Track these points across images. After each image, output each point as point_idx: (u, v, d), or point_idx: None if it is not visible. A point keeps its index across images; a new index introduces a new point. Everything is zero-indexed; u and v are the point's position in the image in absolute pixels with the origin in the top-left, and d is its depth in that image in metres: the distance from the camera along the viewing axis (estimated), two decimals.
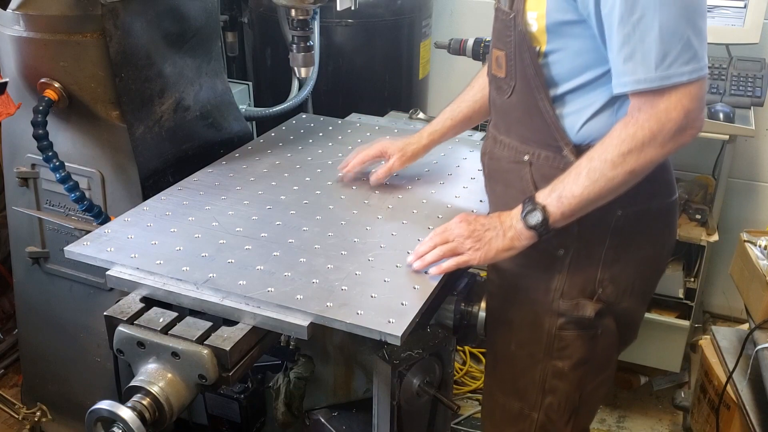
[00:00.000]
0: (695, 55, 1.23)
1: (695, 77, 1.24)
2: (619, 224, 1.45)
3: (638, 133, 1.28)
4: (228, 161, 2.04)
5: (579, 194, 1.34)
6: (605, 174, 1.32)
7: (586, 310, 1.49)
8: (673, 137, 1.27)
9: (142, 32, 1.89)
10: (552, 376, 1.56)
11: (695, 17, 1.24)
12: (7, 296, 2.82)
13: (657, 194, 1.48)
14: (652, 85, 1.25)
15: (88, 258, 1.55)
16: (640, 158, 1.29)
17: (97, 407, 1.30)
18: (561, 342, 1.53)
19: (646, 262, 1.54)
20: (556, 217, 1.37)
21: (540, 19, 1.35)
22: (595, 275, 1.48)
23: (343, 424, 1.77)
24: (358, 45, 2.89)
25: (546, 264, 1.50)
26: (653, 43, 1.23)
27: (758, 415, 2.09)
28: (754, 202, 3.14)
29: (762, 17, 2.61)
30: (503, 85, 1.48)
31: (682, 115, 1.25)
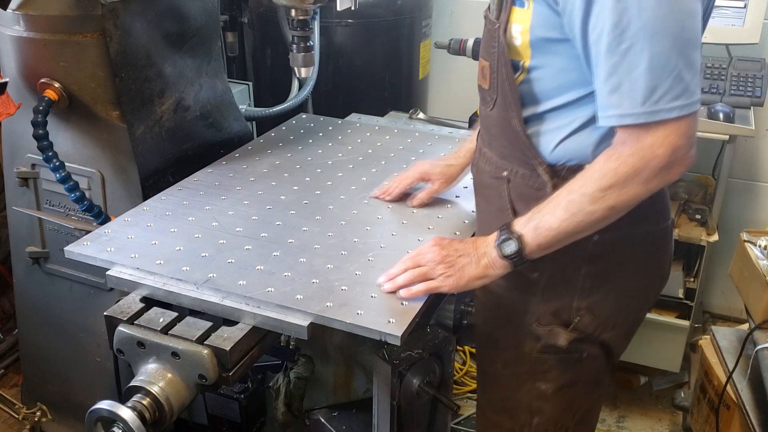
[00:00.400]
0: (686, 89, 1.16)
1: (685, 113, 1.16)
2: (597, 250, 1.37)
3: (621, 168, 1.21)
4: (228, 161, 2.04)
5: (556, 227, 1.28)
6: (584, 208, 1.25)
7: (559, 338, 1.42)
8: (658, 174, 1.19)
9: (142, 32, 1.89)
10: (537, 397, 1.50)
11: (688, 49, 1.16)
12: (7, 296, 2.82)
13: (641, 220, 1.37)
14: (637, 121, 1.17)
15: (88, 258, 1.55)
16: (621, 194, 1.22)
17: (97, 407, 1.30)
18: (543, 365, 1.47)
19: (630, 294, 1.45)
20: (532, 248, 1.31)
21: (524, 33, 1.29)
22: (570, 303, 1.41)
23: (343, 424, 1.77)
24: (358, 45, 2.89)
25: (523, 286, 1.44)
26: (641, 76, 1.15)
27: (758, 415, 2.09)
28: (754, 202, 3.14)
29: (762, 17, 2.61)
30: (487, 96, 1.43)
31: (669, 152, 1.17)
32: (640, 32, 1.14)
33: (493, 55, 1.36)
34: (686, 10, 1.15)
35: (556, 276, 1.41)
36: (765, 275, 2.15)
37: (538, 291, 1.43)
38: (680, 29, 1.15)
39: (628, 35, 1.14)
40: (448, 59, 2.70)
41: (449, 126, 2.49)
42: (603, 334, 1.45)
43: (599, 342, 1.46)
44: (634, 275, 1.44)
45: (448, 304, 1.70)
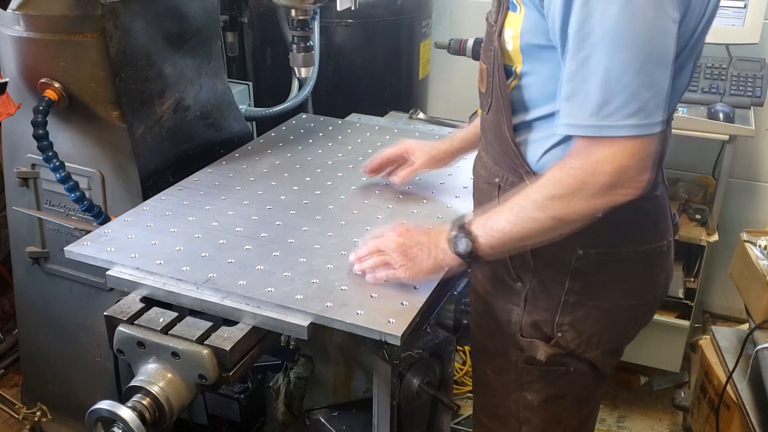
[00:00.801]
0: (642, 108, 1.10)
1: (637, 133, 1.11)
2: (580, 266, 1.34)
3: (566, 179, 1.18)
4: (228, 161, 2.04)
5: (507, 231, 1.27)
6: (529, 215, 1.23)
7: (538, 352, 1.40)
8: (603, 193, 1.15)
9: (142, 32, 1.89)
10: (524, 407, 1.49)
11: (650, 66, 1.10)
12: (7, 296, 2.82)
13: (629, 239, 1.34)
14: (585, 133, 1.14)
15: (88, 258, 1.55)
16: (565, 206, 1.19)
17: (97, 407, 1.30)
18: (528, 375, 1.45)
19: (618, 313, 1.41)
20: (485, 249, 1.30)
21: (515, 38, 1.27)
22: (552, 317, 1.38)
23: (343, 424, 1.77)
24: (358, 45, 2.89)
25: (506, 295, 1.43)
26: (595, 88, 1.11)
27: (758, 415, 2.09)
28: (754, 202, 3.14)
29: (762, 17, 2.61)
30: (483, 100, 1.42)
31: (615, 171, 1.13)
32: (599, 42, 1.10)
33: (490, 58, 1.35)
34: (654, 27, 1.10)
35: (538, 289, 1.39)
36: (765, 275, 2.15)
37: (521, 301, 1.41)
38: (643, 44, 1.10)
39: (588, 43, 1.11)
40: (448, 59, 2.71)
41: (449, 126, 2.49)
42: (587, 352, 1.42)
43: (583, 359, 1.43)
44: (622, 295, 1.39)
45: (448, 304, 1.70)
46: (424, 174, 1.98)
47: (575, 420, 1.53)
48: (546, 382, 1.45)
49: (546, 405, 1.47)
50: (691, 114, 2.53)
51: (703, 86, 2.64)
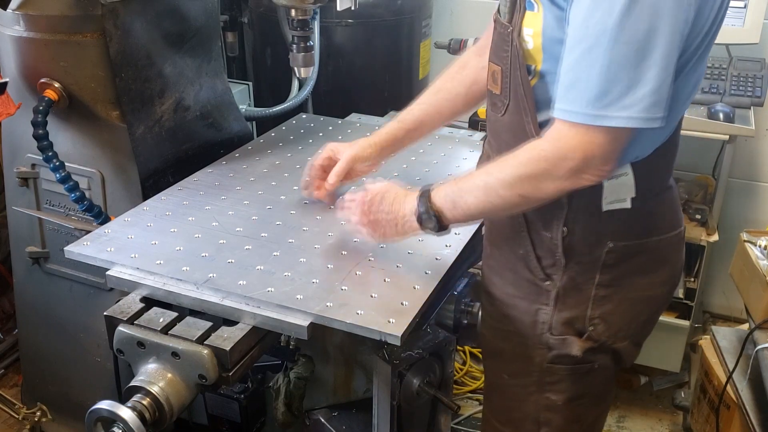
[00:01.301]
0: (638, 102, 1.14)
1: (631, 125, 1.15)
2: (609, 259, 1.37)
3: (536, 162, 1.23)
4: (228, 161, 2.04)
5: (472, 206, 1.32)
6: (497, 192, 1.28)
7: (573, 348, 1.41)
8: (569, 177, 1.20)
9: (142, 32, 1.89)
10: (545, 408, 1.49)
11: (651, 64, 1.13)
12: (7, 296, 2.82)
13: (654, 229, 1.39)
14: (582, 120, 1.17)
15: (88, 258, 1.55)
16: (533, 187, 1.24)
17: (97, 407, 1.30)
18: (553, 376, 1.45)
19: (642, 303, 1.44)
20: (449, 221, 1.38)
21: (536, 36, 1.28)
22: (584, 312, 1.40)
23: (343, 424, 1.77)
24: (358, 45, 2.89)
25: (533, 296, 1.43)
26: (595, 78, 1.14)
27: (758, 415, 2.09)
28: (754, 202, 3.14)
29: (762, 17, 2.61)
30: (497, 102, 1.41)
31: (582, 157, 1.18)
32: (603, 35, 1.13)
33: (505, 59, 1.34)
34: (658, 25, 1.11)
35: (569, 285, 1.40)
36: (765, 275, 2.15)
37: (551, 300, 1.41)
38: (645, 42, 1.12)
39: (592, 35, 1.14)
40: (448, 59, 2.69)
41: (449, 126, 2.49)
42: (615, 343, 1.44)
43: (611, 351, 1.45)
44: (647, 284, 1.42)
45: (448, 304, 1.70)
46: (424, 174, 1.98)
47: (591, 417, 1.55)
48: (571, 382, 1.46)
49: (569, 404, 1.48)
50: (691, 114, 2.53)
51: (703, 86, 2.64)
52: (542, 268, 1.40)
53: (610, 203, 1.32)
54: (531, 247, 1.40)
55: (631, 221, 1.34)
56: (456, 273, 1.68)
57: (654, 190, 1.36)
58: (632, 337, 1.46)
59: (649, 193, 1.35)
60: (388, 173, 1.98)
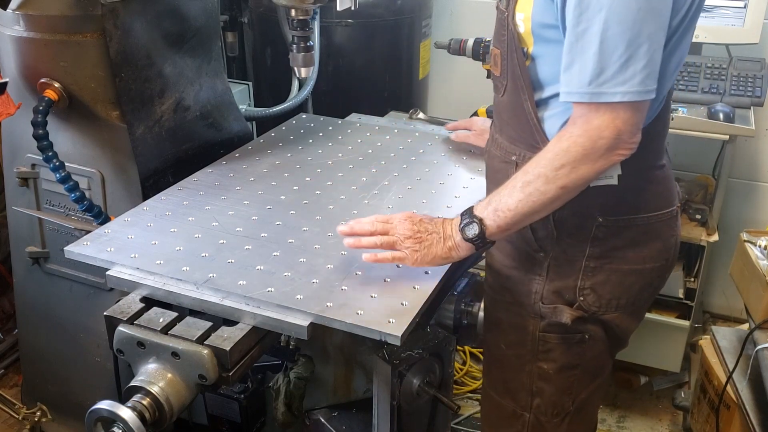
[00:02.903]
0: (633, 76, 1.21)
1: (628, 99, 1.22)
2: (599, 233, 1.43)
3: (571, 148, 1.27)
4: (228, 161, 2.04)
5: (513, 208, 1.34)
6: (538, 188, 1.30)
7: (563, 316, 1.46)
8: (604, 155, 1.26)
9: (142, 32, 1.89)
10: (538, 377, 1.55)
11: (643, 40, 1.20)
12: (7, 296, 2.82)
13: (643, 207, 1.44)
14: (582, 99, 1.24)
15: (88, 258, 1.55)
16: (572, 174, 1.28)
17: (97, 407, 1.30)
18: (545, 345, 1.52)
19: (633, 276, 1.49)
20: (493, 230, 1.37)
21: (526, 21, 1.35)
22: (575, 283, 1.47)
23: (343, 424, 1.77)
24: (358, 45, 2.89)
25: (527, 266, 1.50)
26: (591, 58, 1.21)
27: (758, 415, 2.09)
28: (754, 202, 3.14)
29: (762, 17, 2.61)
30: (498, 83, 1.49)
31: (614, 135, 1.24)
32: (596, 16, 1.20)
33: (503, 42, 1.42)
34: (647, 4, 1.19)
35: (561, 257, 1.46)
36: (765, 275, 2.15)
37: (543, 271, 1.48)
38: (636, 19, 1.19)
39: (585, 17, 1.21)
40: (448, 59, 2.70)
41: None
42: (606, 314, 1.49)
43: (602, 322, 1.50)
44: (637, 259, 1.47)
45: (448, 304, 1.70)
46: (424, 174, 1.99)
47: (584, 393, 1.58)
48: (562, 350, 1.52)
49: (560, 374, 1.54)
50: (691, 114, 2.53)
51: (703, 86, 2.64)
52: (536, 239, 1.47)
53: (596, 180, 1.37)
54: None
55: (620, 198, 1.39)
56: (456, 273, 1.68)
57: (643, 167, 1.40)
58: (623, 309, 1.51)
59: (638, 170, 1.39)
60: (388, 173, 1.98)
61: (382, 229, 1.45)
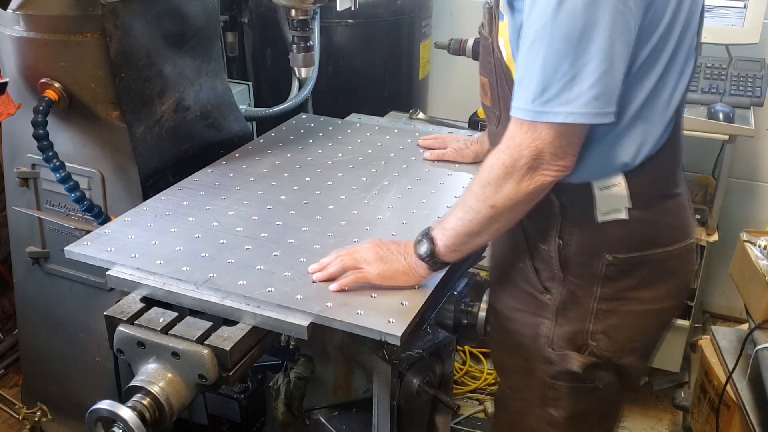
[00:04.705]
0: (578, 96, 1.13)
1: (572, 121, 1.15)
2: (610, 273, 1.33)
3: (495, 165, 1.22)
4: (228, 161, 2.04)
5: (454, 227, 1.30)
6: (471, 206, 1.27)
7: (572, 363, 1.37)
8: (527, 175, 1.19)
9: (142, 32, 1.89)
10: (547, 423, 1.46)
11: (587, 58, 1.12)
12: (7, 296, 2.82)
13: (657, 240, 1.34)
14: (526, 117, 1.17)
15: (88, 258, 1.55)
16: (498, 193, 1.22)
17: (97, 407, 1.30)
18: (555, 392, 1.43)
19: (650, 318, 1.39)
20: (442, 249, 1.33)
21: (506, 46, 1.29)
22: (585, 327, 1.37)
23: (343, 424, 1.77)
24: (358, 45, 2.89)
25: (533, 308, 1.42)
26: (536, 75, 1.15)
27: (758, 415, 2.09)
28: (754, 202, 3.14)
29: (762, 17, 2.61)
30: (490, 114, 1.42)
31: (533, 155, 1.18)
32: (540, 31, 1.13)
33: (491, 71, 1.35)
34: (591, 22, 1.10)
35: (568, 299, 1.37)
36: (765, 275, 2.15)
37: (550, 314, 1.39)
38: (579, 38, 1.11)
39: (531, 32, 1.15)
40: (448, 59, 2.71)
41: (449, 126, 2.49)
42: (621, 359, 1.40)
43: (616, 367, 1.41)
44: (652, 297, 1.37)
45: (448, 304, 1.70)
46: (424, 174, 1.98)
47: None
48: (573, 399, 1.42)
49: (571, 422, 1.45)
50: (691, 114, 2.53)
51: (703, 86, 2.64)
52: (540, 281, 1.39)
53: (604, 214, 1.30)
54: (529, 260, 1.39)
55: (630, 233, 1.30)
56: (456, 273, 1.68)
57: (653, 198, 1.32)
58: (639, 352, 1.41)
59: (649, 202, 1.31)
60: (388, 173, 1.98)
61: (346, 254, 1.43)
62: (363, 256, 1.41)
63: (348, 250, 1.44)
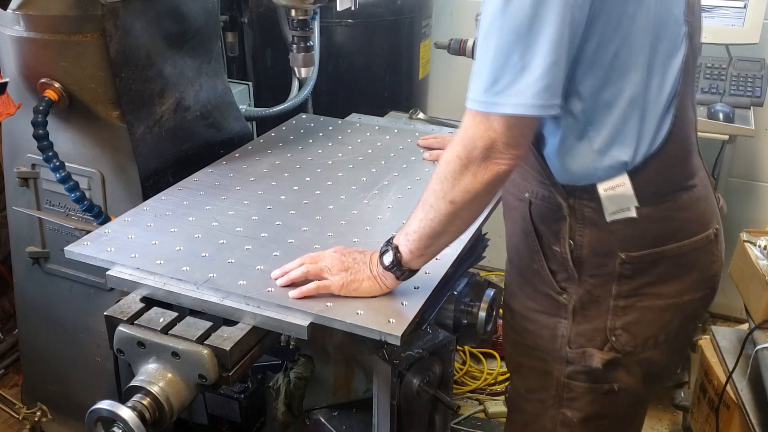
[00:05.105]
0: (527, 88, 1.13)
1: (521, 112, 1.15)
2: (625, 271, 1.32)
3: (450, 159, 1.22)
4: (228, 161, 2.04)
5: (416, 229, 1.30)
6: (432, 204, 1.26)
7: (593, 360, 1.35)
8: (482, 165, 1.19)
9: (142, 32, 1.89)
10: (561, 424, 1.45)
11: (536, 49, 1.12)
12: (7, 296, 2.82)
13: (673, 237, 1.31)
14: (479, 108, 1.18)
15: (88, 258, 1.55)
16: (456, 187, 1.22)
17: (97, 407, 1.30)
18: (570, 392, 1.41)
19: (671, 312, 1.36)
20: (407, 256, 1.33)
21: None
22: (604, 324, 1.35)
23: (343, 424, 1.77)
24: (358, 45, 2.89)
25: (551, 309, 1.40)
26: (487, 66, 1.15)
27: (758, 415, 2.09)
28: (754, 202, 3.14)
29: (762, 17, 2.62)
30: None
31: (487, 145, 1.18)
32: (490, 23, 1.15)
33: None
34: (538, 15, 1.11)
35: (585, 298, 1.36)
36: (765, 275, 2.15)
37: (568, 314, 1.38)
38: (526, 31, 1.12)
39: (484, 24, 1.16)
40: (448, 59, 2.70)
41: (449, 126, 2.49)
42: (643, 353, 1.38)
43: (640, 367, 1.39)
44: (673, 291, 1.35)
45: (448, 304, 1.70)
46: (424, 174, 1.98)
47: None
48: (589, 400, 1.41)
49: (586, 423, 1.43)
50: None
51: (703, 86, 2.64)
52: (557, 282, 1.38)
53: (612, 214, 1.29)
54: (544, 262, 1.38)
55: (642, 231, 1.29)
56: (456, 273, 1.68)
57: (663, 194, 1.30)
58: (663, 345, 1.39)
59: (659, 198, 1.29)
60: (387, 173, 1.98)
61: (310, 261, 1.43)
62: (327, 264, 1.41)
63: (312, 256, 1.44)
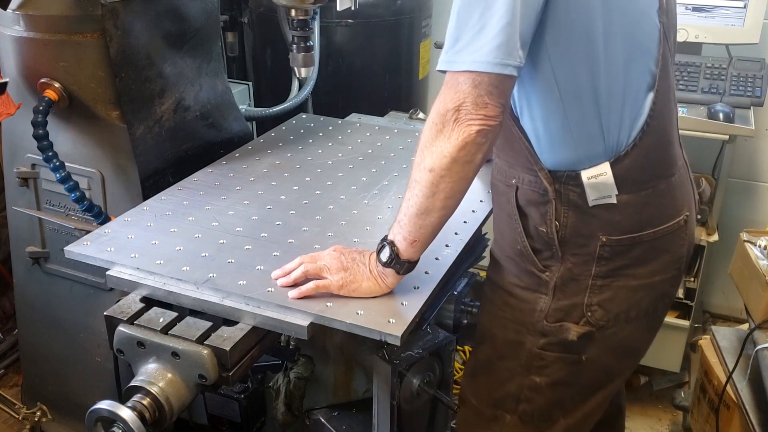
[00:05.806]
0: (483, 46, 1.19)
1: (475, 69, 1.19)
2: (605, 253, 1.40)
3: (427, 125, 1.27)
4: (228, 161, 2.04)
5: (406, 212, 1.33)
6: (415, 179, 1.30)
7: (569, 333, 1.44)
8: (455, 129, 1.23)
9: (142, 32, 1.89)
10: (528, 388, 1.52)
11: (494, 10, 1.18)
12: (7, 296, 2.82)
13: (649, 222, 1.40)
14: (441, 67, 1.24)
15: (88, 258, 1.55)
16: (434, 153, 1.26)
17: (97, 407, 1.30)
18: (541, 361, 1.49)
19: (642, 291, 1.46)
20: (403, 247, 1.36)
21: None
22: (581, 301, 1.44)
23: (343, 424, 1.77)
24: (358, 45, 2.89)
25: (533, 285, 1.47)
26: (452, 27, 1.22)
27: (758, 415, 2.09)
28: (754, 202, 3.14)
29: (762, 17, 2.61)
30: None
31: (456, 105, 1.22)
32: None
33: None
34: None
35: (566, 276, 1.44)
36: (765, 275, 2.15)
37: (549, 290, 1.45)
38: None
39: None
40: None
41: None
42: (614, 327, 1.46)
43: (611, 335, 1.46)
44: (646, 272, 1.44)
45: (448, 304, 1.70)
46: None
47: (577, 410, 1.55)
48: (558, 367, 1.49)
49: (552, 388, 1.51)
50: (691, 114, 2.53)
51: (703, 86, 2.64)
52: (540, 260, 1.45)
53: (594, 200, 1.37)
54: (527, 242, 1.45)
55: (622, 216, 1.37)
56: (456, 273, 1.68)
57: (644, 182, 1.38)
58: (634, 321, 1.48)
59: (639, 186, 1.37)
60: (387, 173, 1.98)
61: (309, 261, 1.44)
62: (326, 264, 1.42)
63: (311, 256, 1.46)
